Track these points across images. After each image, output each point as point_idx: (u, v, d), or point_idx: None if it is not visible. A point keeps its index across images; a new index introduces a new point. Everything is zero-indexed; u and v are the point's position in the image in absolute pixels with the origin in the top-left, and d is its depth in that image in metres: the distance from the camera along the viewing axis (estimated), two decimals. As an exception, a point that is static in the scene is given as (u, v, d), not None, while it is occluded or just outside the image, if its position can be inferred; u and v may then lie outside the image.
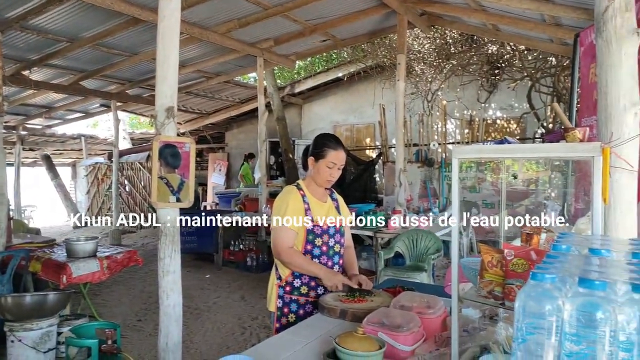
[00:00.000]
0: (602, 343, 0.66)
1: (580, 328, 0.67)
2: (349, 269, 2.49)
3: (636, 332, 0.65)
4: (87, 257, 4.13)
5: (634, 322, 0.65)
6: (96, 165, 13.42)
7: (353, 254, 2.59)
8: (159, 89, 2.90)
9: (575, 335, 0.68)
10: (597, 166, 1.09)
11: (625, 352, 0.66)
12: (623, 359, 0.66)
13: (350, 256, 2.55)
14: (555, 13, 4.50)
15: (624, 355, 0.66)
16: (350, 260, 2.54)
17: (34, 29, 5.99)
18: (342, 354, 1.53)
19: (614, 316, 0.66)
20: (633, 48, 1.65)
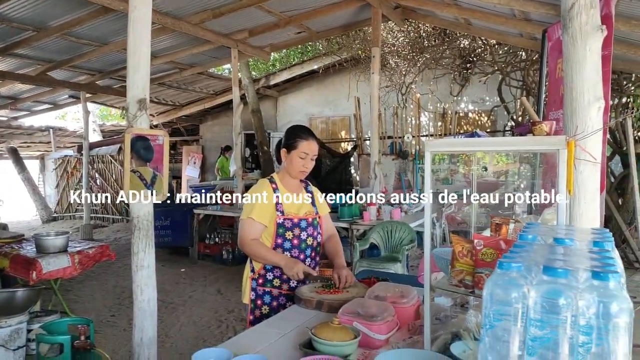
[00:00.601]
0: (564, 328, 0.70)
1: (544, 314, 0.71)
2: (333, 256, 2.48)
3: (595, 317, 0.69)
4: (58, 253, 4.03)
5: (593, 307, 0.69)
6: (65, 158, 13.06)
7: (337, 242, 2.57)
8: (130, 80, 2.85)
9: (539, 320, 0.71)
10: (562, 158, 1.14)
11: (585, 335, 0.70)
12: (583, 342, 0.70)
13: (334, 244, 2.55)
14: (524, 8, 4.60)
15: (584, 339, 0.70)
16: (335, 247, 2.53)
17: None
18: (317, 344, 1.56)
19: (575, 302, 0.70)
20: (597, 44, 1.72)
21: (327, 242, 2.57)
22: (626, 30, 4.15)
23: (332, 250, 2.53)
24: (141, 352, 2.85)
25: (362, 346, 1.62)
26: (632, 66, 5.47)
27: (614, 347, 0.68)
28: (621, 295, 0.69)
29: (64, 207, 13.14)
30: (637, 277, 5.77)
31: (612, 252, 0.83)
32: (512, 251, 0.86)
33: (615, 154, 6.92)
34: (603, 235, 0.98)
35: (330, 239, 2.57)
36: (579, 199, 1.73)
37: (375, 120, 6.41)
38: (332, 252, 2.52)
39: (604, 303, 0.68)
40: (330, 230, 2.62)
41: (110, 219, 11.91)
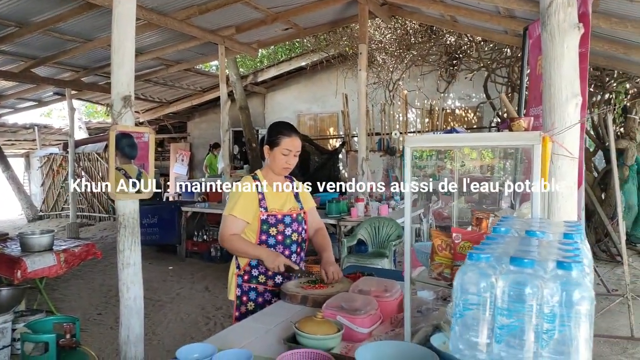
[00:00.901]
0: (529, 316, 0.73)
1: (510, 303, 0.74)
2: (321, 250, 2.50)
3: (558, 305, 0.72)
4: (43, 251, 4.00)
5: (556, 296, 0.72)
6: (51, 156, 12.90)
7: (324, 236, 2.58)
8: (114, 77, 2.83)
9: (506, 309, 0.74)
10: (536, 153, 1.17)
11: (549, 323, 0.72)
12: (547, 329, 0.72)
13: (321, 237, 2.56)
14: (508, 5, 4.65)
15: (548, 326, 0.72)
16: (321, 241, 2.54)
17: None
18: (301, 338, 1.58)
19: (541, 291, 0.73)
20: (574, 41, 1.75)
21: (315, 236, 2.58)
22: (607, 27, 4.22)
23: (319, 244, 2.54)
24: (128, 350, 2.84)
25: (345, 339, 1.65)
26: (614, 63, 5.56)
27: (575, 333, 0.71)
28: (583, 284, 0.72)
29: (50, 206, 12.98)
30: (619, 270, 5.88)
31: (579, 244, 0.86)
32: (483, 243, 0.89)
33: (599, 150, 7.04)
34: (574, 227, 1.01)
35: (317, 233, 2.58)
36: (557, 193, 1.76)
37: (362, 117, 6.44)
38: (319, 246, 2.53)
39: (566, 291, 0.71)
40: (317, 224, 2.63)
41: (97, 217, 11.81)
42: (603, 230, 6.78)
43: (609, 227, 6.41)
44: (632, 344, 3.81)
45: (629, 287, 4.07)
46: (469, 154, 7.44)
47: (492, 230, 1.01)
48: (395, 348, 1.32)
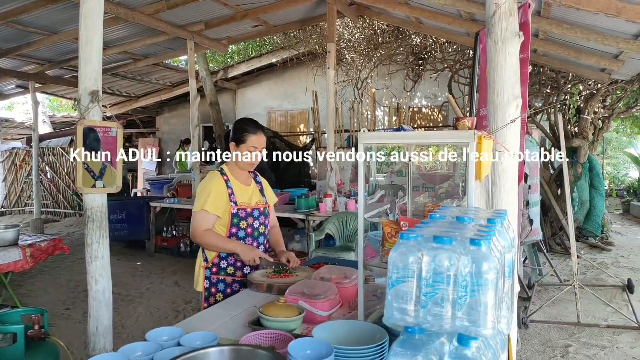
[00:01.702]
0: (448, 284, 0.87)
1: (432, 274, 0.87)
2: (276, 246, 2.64)
3: (470, 275, 0.86)
4: (8, 246, 3.96)
5: (468, 267, 0.86)
6: (13, 150, 12.53)
7: (279, 233, 2.74)
8: (82, 72, 2.85)
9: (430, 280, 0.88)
10: (471, 150, 1.32)
11: (463, 289, 0.87)
12: (461, 295, 0.87)
13: (276, 235, 2.71)
14: (469, 9, 4.87)
15: (462, 293, 0.87)
16: (277, 238, 2.69)
17: None
18: (265, 321, 1.70)
19: (457, 263, 0.87)
20: (515, 48, 1.93)
21: (270, 233, 2.68)
22: (559, 33, 4.49)
23: (274, 241, 2.68)
24: (97, 341, 2.89)
25: (307, 322, 1.77)
26: (567, 66, 5.88)
27: (483, 297, 0.85)
28: (490, 257, 0.86)
29: (13, 202, 12.62)
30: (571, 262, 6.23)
31: (495, 227, 1.01)
32: (417, 226, 1.03)
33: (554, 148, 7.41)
34: (499, 215, 1.16)
35: (273, 231, 2.71)
36: (499, 186, 1.94)
37: (331, 114, 6.57)
38: (274, 242, 2.67)
39: (476, 264, 0.85)
40: (274, 222, 2.75)
41: (62, 213, 11.57)
42: (558, 224, 7.15)
43: (563, 222, 6.77)
44: (579, 330, 4.10)
45: (576, 277, 4.36)
46: (434, 151, 7.70)
47: (429, 217, 1.15)
48: (348, 326, 1.45)
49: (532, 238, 4.95)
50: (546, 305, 4.50)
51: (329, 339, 1.32)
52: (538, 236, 5.06)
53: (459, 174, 7.34)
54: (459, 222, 1.05)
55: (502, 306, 0.92)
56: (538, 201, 5.15)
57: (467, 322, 0.85)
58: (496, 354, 0.91)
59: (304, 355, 1.24)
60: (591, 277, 5.69)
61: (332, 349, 1.24)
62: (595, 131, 7.25)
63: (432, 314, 0.87)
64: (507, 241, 1.03)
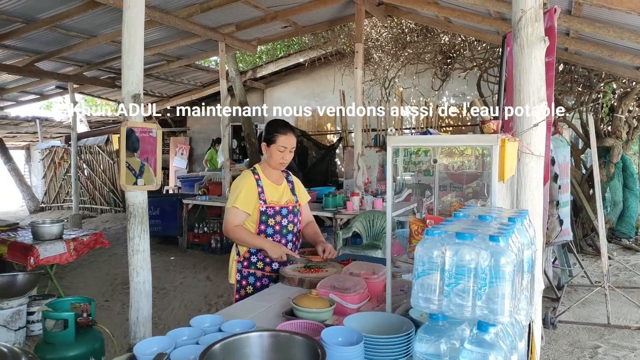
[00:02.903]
0: (469, 276, 0.96)
1: (455, 266, 0.96)
2: (315, 238, 2.75)
3: (488, 268, 0.95)
4: (54, 240, 4.22)
5: (487, 261, 0.95)
6: (52, 148, 13.09)
7: (316, 227, 2.85)
8: (125, 77, 3.02)
9: (452, 272, 0.97)
10: (495, 153, 1.39)
11: (482, 281, 0.95)
12: (481, 286, 0.95)
13: (313, 228, 2.82)
14: (498, 9, 4.87)
15: (482, 283, 0.95)
16: (314, 231, 2.80)
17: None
18: (298, 312, 1.81)
19: (477, 257, 0.96)
20: (541, 53, 1.98)
21: (306, 228, 2.82)
22: (591, 31, 4.44)
23: (312, 233, 2.79)
24: (137, 330, 3.07)
25: (337, 314, 1.88)
26: (600, 64, 5.79)
27: (501, 289, 0.94)
28: (507, 252, 0.94)
29: (52, 198, 13.18)
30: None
31: (515, 225, 1.09)
32: (441, 224, 1.11)
33: (587, 147, 7.27)
34: (519, 214, 1.24)
35: (309, 225, 2.83)
36: (524, 186, 2.00)
37: (358, 113, 6.65)
38: (312, 235, 2.78)
39: (495, 258, 0.94)
40: (309, 217, 2.87)
41: (99, 209, 12.02)
42: (590, 225, 7.03)
43: (595, 223, 6.65)
44: (608, 331, 4.07)
45: (606, 278, 4.32)
46: (463, 150, 7.66)
47: (453, 215, 1.23)
48: (377, 317, 1.55)
49: (562, 238, 4.91)
50: (575, 306, 4.48)
51: (359, 328, 1.43)
52: (568, 236, 5.01)
53: (487, 172, 7.30)
54: (480, 220, 1.14)
55: (520, 298, 1.00)
56: (568, 201, 5.10)
57: (486, 310, 0.94)
58: (514, 342, 1.00)
59: (335, 342, 1.35)
60: (623, 279, 5.60)
61: (362, 336, 1.34)
62: (629, 130, 7.09)
63: (454, 303, 0.96)
64: (526, 239, 1.11)
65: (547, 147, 2.08)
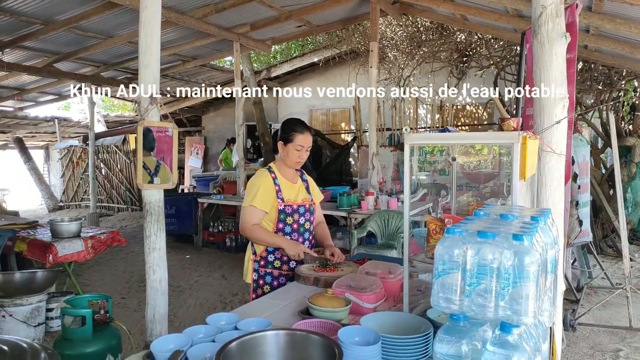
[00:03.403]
0: (491, 276, 0.93)
1: (477, 266, 0.94)
2: (323, 240, 2.74)
3: (512, 267, 0.92)
4: (72, 237, 4.28)
5: (510, 261, 0.92)
6: (71, 148, 13.30)
7: (325, 228, 2.85)
8: (142, 77, 3.04)
9: (473, 271, 0.95)
10: (516, 151, 1.36)
11: (505, 281, 0.93)
12: (504, 286, 0.93)
13: (323, 230, 2.81)
14: (516, 6, 4.80)
15: (505, 283, 0.93)
16: (324, 233, 2.80)
17: (7, 11, 5.97)
18: (314, 311, 1.80)
19: (500, 256, 0.93)
20: (562, 49, 1.93)
21: (316, 228, 2.80)
22: (612, 28, 4.35)
23: (321, 234, 2.79)
24: (154, 327, 3.09)
25: (353, 313, 1.86)
26: (621, 62, 5.67)
27: (525, 290, 0.91)
28: (532, 251, 0.92)
29: (70, 196, 13.40)
30: (623, 265, 6.00)
31: (538, 224, 1.06)
32: (461, 222, 1.09)
33: (607, 147, 7.13)
34: (542, 213, 1.21)
35: (320, 226, 2.82)
36: (545, 185, 1.96)
37: (373, 112, 6.62)
38: (321, 236, 2.78)
39: (518, 257, 0.91)
40: (320, 217, 2.86)
41: (116, 207, 12.17)
42: (610, 226, 6.89)
43: (615, 223, 6.52)
44: (630, 334, 3.98)
45: (628, 280, 4.22)
46: (480, 149, 7.58)
47: (474, 214, 1.21)
48: (394, 317, 1.53)
49: (582, 239, 4.82)
50: (595, 308, 4.39)
51: (376, 328, 1.41)
52: (588, 237, 4.92)
53: (504, 172, 7.20)
54: (502, 219, 1.11)
55: (544, 299, 0.97)
56: (588, 201, 5.01)
57: (509, 311, 0.91)
58: (537, 344, 0.97)
59: (352, 341, 1.34)
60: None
61: (379, 336, 1.32)
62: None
63: (475, 303, 0.94)
64: (549, 238, 1.08)
65: (568, 145, 2.03)
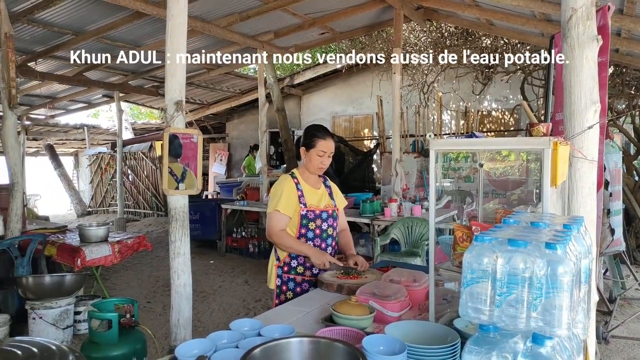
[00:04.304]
0: (523, 285, 0.90)
1: (507, 276, 0.91)
2: (346, 249, 2.72)
3: (544, 277, 0.89)
4: (100, 242, 4.37)
5: (543, 270, 0.89)
6: (99, 154, 13.63)
7: (349, 236, 2.83)
8: (168, 84, 3.11)
9: (504, 281, 0.91)
10: (546, 157, 1.32)
11: (538, 291, 0.89)
12: (536, 296, 0.90)
13: (346, 237, 2.80)
14: (544, 10, 4.71)
15: (537, 293, 0.89)
16: (347, 241, 2.78)
17: (40, 22, 6.20)
18: (337, 318, 1.78)
19: (532, 265, 0.90)
20: (593, 53, 1.88)
21: (340, 235, 2.79)
22: (644, 30, 4.22)
23: (344, 242, 2.77)
24: (178, 331, 3.13)
25: (377, 321, 1.83)
26: (654, 65, 5.49)
27: (558, 300, 0.87)
28: (566, 260, 0.88)
29: (98, 202, 13.71)
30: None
31: (571, 232, 1.02)
32: (490, 230, 1.06)
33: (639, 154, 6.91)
34: (574, 220, 1.16)
35: (343, 233, 2.81)
36: (576, 192, 1.90)
37: (397, 118, 6.58)
38: (344, 244, 2.76)
39: (551, 266, 0.88)
40: (344, 224, 2.84)
41: (142, 213, 12.40)
42: (643, 234, 6.65)
43: (649, 232, 6.29)
44: (666, 348, 3.81)
45: (664, 290, 4.06)
46: (506, 156, 7.44)
47: (503, 221, 1.18)
48: (420, 326, 1.50)
49: (614, 249, 4.66)
50: (629, 321, 4.22)
51: (401, 337, 1.38)
52: (620, 247, 4.75)
53: (532, 180, 7.04)
54: (533, 227, 1.08)
55: (577, 310, 0.94)
56: (620, 209, 4.85)
57: (541, 322, 0.88)
58: (572, 357, 0.93)
59: (377, 351, 1.31)
60: (681, 292, 5.25)
61: (405, 346, 1.30)
62: (686, 135, 6.68)
63: (506, 314, 0.91)
64: (583, 247, 1.04)
65: (600, 151, 1.96)
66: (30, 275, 3.79)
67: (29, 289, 3.54)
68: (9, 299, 3.95)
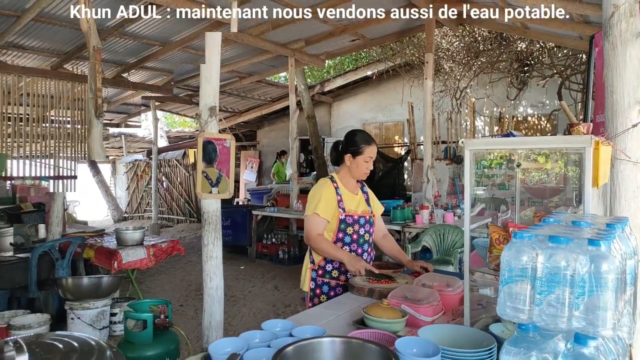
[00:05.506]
0: (564, 284, 0.87)
1: (548, 274, 0.88)
2: (400, 256, 2.71)
3: (588, 274, 0.85)
4: (136, 245, 4.48)
5: (585, 267, 0.85)
6: (135, 162, 14.03)
7: (393, 240, 2.83)
8: (203, 90, 3.19)
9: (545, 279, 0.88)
10: (587, 156, 1.28)
11: (580, 289, 0.86)
12: (578, 294, 0.86)
13: (392, 242, 2.80)
14: (582, 11, 4.58)
15: (579, 292, 0.86)
16: (393, 245, 2.78)
17: (131, 35, 6.49)
18: (369, 321, 1.76)
19: (574, 263, 0.87)
20: (636, 50, 1.81)
21: (384, 241, 2.78)
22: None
23: (392, 247, 2.77)
24: (210, 334, 3.17)
25: (409, 326, 1.80)
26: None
27: (602, 299, 0.84)
28: (610, 257, 0.84)
29: (134, 208, 14.09)
30: None
31: (615, 230, 0.98)
32: (530, 228, 1.03)
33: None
34: (618, 220, 1.12)
35: (387, 238, 2.79)
36: (619, 195, 1.82)
37: (428, 125, 6.50)
38: (394, 249, 2.76)
39: (595, 263, 0.84)
40: (384, 229, 2.83)
41: (175, 219, 12.67)
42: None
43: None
44: None
45: None
46: (543, 162, 7.23)
47: (542, 220, 1.14)
48: (454, 330, 1.47)
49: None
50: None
51: (434, 340, 1.35)
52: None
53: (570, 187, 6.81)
54: (575, 226, 1.04)
55: (623, 313, 0.89)
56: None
57: (584, 322, 0.84)
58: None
59: (410, 353, 1.29)
60: None
61: (439, 349, 1.27)
62: None
63: (546, 313, 0.88)
64: (628, 247, 0.99)
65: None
66: (70, 277, 3.91)
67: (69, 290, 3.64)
68: (49, 299, 4.08)
